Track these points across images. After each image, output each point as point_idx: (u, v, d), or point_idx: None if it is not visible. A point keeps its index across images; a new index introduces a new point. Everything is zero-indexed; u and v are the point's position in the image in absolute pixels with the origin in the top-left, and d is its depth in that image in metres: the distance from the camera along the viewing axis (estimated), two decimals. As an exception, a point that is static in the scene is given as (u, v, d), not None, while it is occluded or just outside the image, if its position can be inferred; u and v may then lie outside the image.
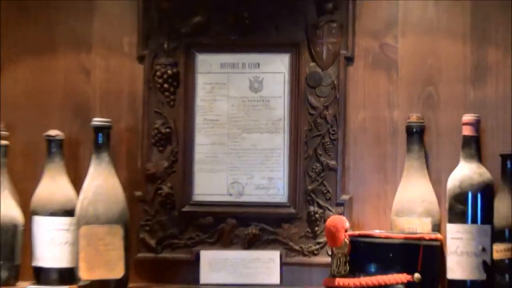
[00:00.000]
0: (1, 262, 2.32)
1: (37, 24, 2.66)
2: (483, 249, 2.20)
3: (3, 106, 2.62)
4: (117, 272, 2.29)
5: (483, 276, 2.19)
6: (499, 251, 2.21)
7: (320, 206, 2.49)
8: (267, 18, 2.55)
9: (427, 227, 2.32)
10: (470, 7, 2.50)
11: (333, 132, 2.51)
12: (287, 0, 2.54)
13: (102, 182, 2.34)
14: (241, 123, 2.54)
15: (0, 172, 2.37)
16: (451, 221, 2.24)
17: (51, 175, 2.40)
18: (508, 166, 2.27)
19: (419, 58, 2.53)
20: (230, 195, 2.53)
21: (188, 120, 2.56)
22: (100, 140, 2.36)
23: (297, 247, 2.49)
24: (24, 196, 2.42)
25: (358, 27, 2.54)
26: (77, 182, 2.39)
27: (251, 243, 2.49)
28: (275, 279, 2.38)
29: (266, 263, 2.38)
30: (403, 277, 2.17)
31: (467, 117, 2.30)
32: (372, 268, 2.18)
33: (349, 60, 2.53)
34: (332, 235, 2.20)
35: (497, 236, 2.21)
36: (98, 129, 2.36)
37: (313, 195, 2.50)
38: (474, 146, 2.28)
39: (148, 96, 2.58)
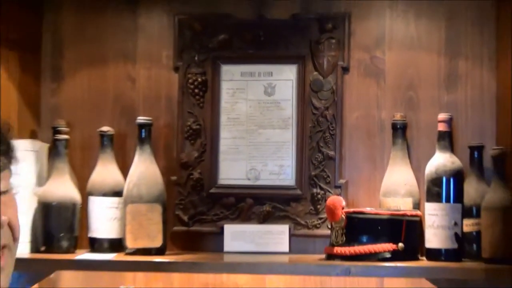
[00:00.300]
0: (62, 234, 2.35)
1: (92, 41, 2.68)
2: (455, 224, 2.23)
3: (65, 107, 2.67)
4: (157, 242, 2.32)
5: (455, 245, 2.22)
6: (468, 225, 2.26)
7: (321, 188, 2.52)
8: (278, 36, 2.57)
9: (409, 205, 2.34)
10: (444, 27, 2.53)
11: (332, 128, 2.53)
12: (294, 22, 2.57)
13: (144, 169, 2.37)
14: (257, 121, 2.57)
15: (62, 161, 2.40)
16: (428, 200, 2.27)
17: (103, 163, 2.43)
18: (475, 155, 2.33)
19: (402, 68, 2.55)
20: (248, 179, 2.56)
21: (214, 119, 2.58)
22: (143, 135, 2.39)
23: (302, 222, 2.52)
24: (81, 181, 2.44)
25: (353, 43, 2.56)
26: (124, 169, 2.41)
27: (265, 219, 2.52)
28: (285, 248, 2.41)
29: (278, 235, 2.41)
30: (389, 246, 2.22)
31: (442, 116, 2.32)
32: (364, 239, 2.24)
33: (345, 69, 2.56)
34: (331, 212, 2.25)
35: (466, 213, 2.26)
36: (141, 126, 2.39)
37: (315, 179, 2.53)
38: (447, 140, 2.30)
39: (182, 99, 2.61)
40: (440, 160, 2.28)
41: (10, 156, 1.23)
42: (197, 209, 2.58)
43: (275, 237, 2.41)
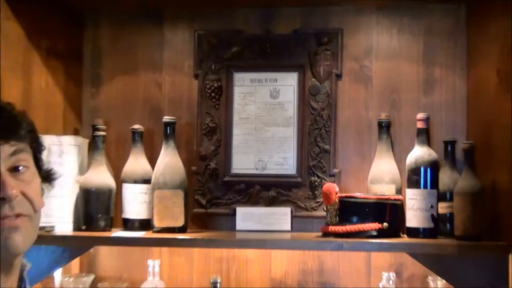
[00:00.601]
0: (100, 215, 2.33)
1: (125, 53, 2.67)
2: (431, 206, 2.21)
3: (102, 108, 2.66)
4: (179, 222, 2.30)
5: (431, 225, 2.20)
6: (442, 207, 2.24)
7: (318, 177, 2.49)
8: (282, 48, 2.55)
9: (392, 191, 2.32)
10: (422, 40, 2.51)
11: (327, 126, 2.51)
12: (295, 36, 2.55)
13: (169, 160, 2.34)
14: (264, 120, 2.55)
15: (100, 154, 2.39)
16: (409, 187, 2.25)
17: (134, 155, 2.41)
18: (449, 149, 2.32)
19: (386, 75, 2.53)
20: (257, 169, 2.54)
21: (228, 118, 2.56)
22: (168, 131, 2.37)
23: (302, 205, 2.50)
24: (116, 170, 2.42)
25: (345, 54, 2.54)
26: (152, 161, 2.38)
27: (271, 202, 2.50)
28: (287, 227, 2.39)
29: (281, 216, 2.39)
30: (375, 225, 2.21)
31: (420, 115, 2.30)
32: (354, 219, 2.22)
33: (339, 76, 2.53)
34: (327, 196, 2.24)
35: (441, 197, 2.25)
36: (166, 124, 2.37)
37: (313, 169, 2.51)
38: (425, 135, 2.28)
39: (201, 102, 2.59)
40: (419, 153, 2.26)
41: (30, 140, 1.30)
42: (213, 194, 2.56)
43: (279, 218, 2.39)
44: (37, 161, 1.34)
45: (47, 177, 1.41)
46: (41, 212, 1.29)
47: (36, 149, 1.35)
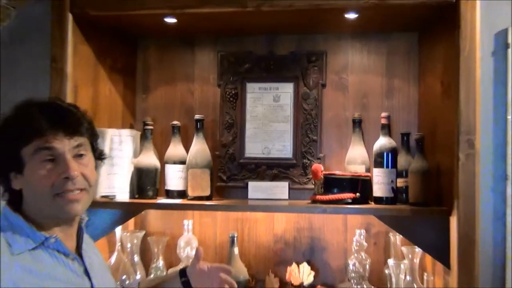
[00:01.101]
0: (148, 187, 2.34)
1: (167, 68, 2.67)
2: (392, 181, 2.22)
3: (150, 109, 2.66)
4: (207, 192, 2.31)
5: (391, 195, 2.21)
6: (400, 182, 2.24)
7: (308, 159, 2.49)
8: (282, 65, 2.54)
9: (363, 170, 2.32)
10: (385, 59, 2.50)
11: (315, 122, 2.50)
12: (292, 56, 2.53)
13: (199, 147, 2.35)
14: (268, 118, 2.54)
15: (148, 142, 2.39)
16: (375, 167, 2.25)
17: (173, 143, 2.41)
18: (405, 139, 2.31)
19: (359, 85, 2.52)
20: (263, 154, 2.53)
21: (242, 116, 2.56)
22: (198, 126, 2.37)
23: (297, 180, 2.49)
24: (160, 154, 2.43)
25: (328, 69, 2.53)
26: (186, 147, 2.38)
27: (273, 178, 2.50)
28: (286, 197, 2.38)
29: (281, 188, 2.39)
30: (351, 195, 2.23)
31: (383, 114, 2.31)
32: (335, 190, 2.24)
33: (323, 86, 2.52)
34: (315, 174, 2.24)
35: (399, 174, 2.24)
36: (197, 120, 2.38)
37: (305, 154, 2.50)
38: (387, 129, 2.29)
39: (222, 104, 2.58)
40: (382, 142, 2.26)
41: (88, 134, 1.43)
42: (231, 172, 2.56)
43: (280, 189, 2.39)
44: (93, 148, 1.46)
45: (99, 157, 1.51)
46: (96, 185, 1.43)
47: (93, 139, 1.46)
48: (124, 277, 2.35)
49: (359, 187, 2.22)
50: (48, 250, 1.32)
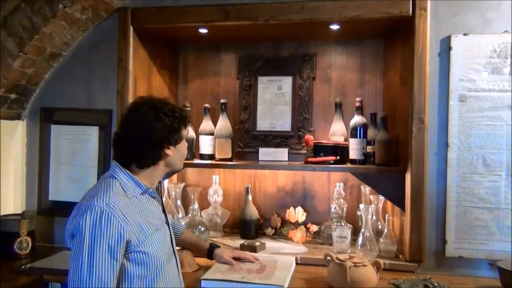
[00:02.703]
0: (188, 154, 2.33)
1: (201, 66, 2.62)
2: (363, 148, 2.19)
3: (189, 96, 2.63)
4: (229, 155, 2.30)
5: (363, 158, 2.19)
6: (369, 148, 2.23)
7: (303, 132, 2.45)
8: (284, 64, 2.49)
9: (342, 139, 2.28)
10: (359, 60, 2.44)
11: (307, 105, 2.46)
12: (291, 57, 2.48)
13: (223, 123, 2.33)
14: (274, 102, 2.49)
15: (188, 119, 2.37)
16: (351, 137, 2.22)
17: (205, 120, 2.38)
18: (373, 117, 2.26)
19: (340, 78, 2.46)
20: (270, 128, 2.49)
21: (255, 101, 2.51)
22: (223, 108, 2.35)
23: (294, 147, 2.46)
24: (196, 128, 2.40)
25: (317, 66, 2.47)
26: (214, 123, 2.36)
27: (277, 146, 2.46)
28: (286, 159, 2.33)
29: (283, 152, 2.34)
30: (333, 158, 2.21)
31: (357, 99, 2.26)
32: (321, 154, 2.22)
33: (314, 79, 2.47)
34: (307, 142, 2.23)
35: (368, 143, 2.20)
36: (222, 104, 2.36)
37: (300, 128, 2.46)
38: (360, 110, 2.24)
39: (240, 92, 2.54)
40: (357, 119, 2.22)
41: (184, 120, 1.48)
42: (246, 141, 2.53)
43: (282, 154, 2.34)
44: None
45: None
46: None
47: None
48: (169, 216, 2.35)
49: (339, 152, 2.19)
50: (146, 195, 1.41)
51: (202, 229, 2.26)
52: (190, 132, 2.34)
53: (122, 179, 1.35)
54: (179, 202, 2.45)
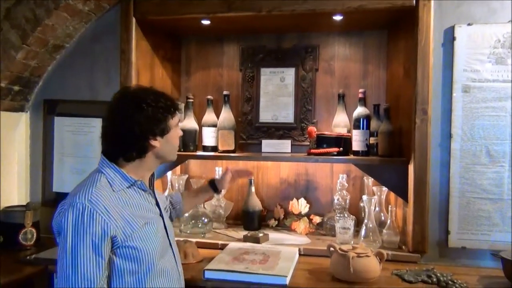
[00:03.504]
0: (190, 143, 2.33)
1: (203, 58, 2.62)
2: (366, 139, 2.19)
3: (191, 88, 2.63)
4: (232, 147, 2.30)
5: (366, 149, 2.19)
6: (372, 140, 2.25)
7: (305, 124, 2.44)
8: (287, 55, 2.47)
9: (345, 131, 2.27)
10: (362, 51, 2.43)
11: (310, 97, 2.45)
12: (293, 48, 2.47)
13: (226, 115, 2.32)
14: (276, 93, 2.48)
15: (190, 111, 2.37)
16: (354, 129, 2.21)
17: (208, 112, 2.38)
18: (376, 108, 2.24)
19: (342, 69, 2.45)
20: (272, 119, 2.48)
21: (257, 92, 2.50)
22: (226, 99, 2.34)
23: (296, 139, 2.46)
24: (199, 120, 2.40)
25: (320, 58, 2.46)
26: (217, 115, 2.36)
27: (280, 137, 2.46)
28: (289, 151, 2.32)
29: (286, 144, 2.33)
30: (336, 149, 2.19)
31: (360, 90, 2.25)
32: (324, 146, 2.21)
33: (317, 70, 2.46)
34: (310, 134, 2.22)
35: (371, 134, 2.20)
36: (225, 95, 2.35)
37: (303, 120, 2.45)
38: (363, 101, 2.23)
39: (243, 84, 2.53)
40: (360, 110, 2.21)
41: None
42: (249, 133, 2.52)
43: (285, 145, 2.33)
44: None
45: None
46: None
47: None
48: (167, 194, 2.36)
49: (342, 143, 2.18)
50: (134, 189, 1.37)
51: (206, 220, 2.27)
52: (192, 123, 2.35)
53: (109, 173, 1.32)
54: (182, 194, 2.46)
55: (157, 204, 1.46)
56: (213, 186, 1.90)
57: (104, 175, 1.32)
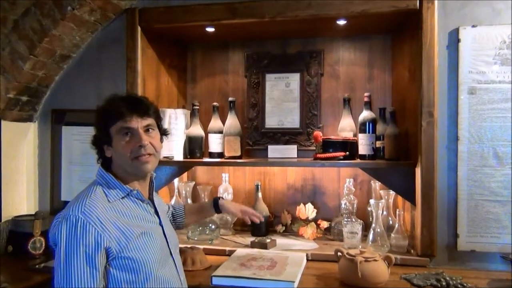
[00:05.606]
0: (197, 150, 2.33)
1: (209, 65, 2.63)
2: (372, 143, 2.18)
3: (197, 95, 2.64)
4: (238, 153, 2.31)
5: (372, 153, 2.18)
6: (378, 143, 2.21)
7: (311, 129, 2.44)
8: (291, 60, 2.48)
9: (351, 135, 2.27)
10: (367, 55, 2.43)
11: (316, 102, 2.45)
12: (298, 54, 2.47)
13: (232, 121, 2.33)
14: (282, 99, 2.48)
15: (196, 118, 2.37)
16: (360, 132, 2.21)
17: (214, 119, 2.38)
18: (382, 112, 2.23)
19: (347, 73, 2.45)
20: (279, 125, 2.48)
21: (263, 98, 2.50)
22: (231, 105, 2.35)
23: (303, 144, 2.45)
24: (205, 127, 2.41)
25: (325, 62, 2.46)
26: (223, 121, 2.36)
27: (286, 142, 2.46)
28: (295, 156, 2.32)
29: (292, 149, 2.33)
30: (342, 153, 2.19)
31: (366, 94, 2.25)
32: (331, 150, 2.21)
33: (322, 75, 2.46)
34: (316, 138, 2.22)
35: (377, 138, 2.19)
36: (231, 102, 2.36)
37: (309, 125, 2.45)
38: (368, 105, 2.23)
39: (248, 90, 2.54)
40: (365, 114, 2.21)
41: (154, 116, 1.43)
42: (255, 139, 2.52)
43: (291, 151, 2.33)
44: (158, 126, 1.46)
45: (164, 133, 1.51)
46: (160, 151, 1.44)
47: (158, 120, 1.46)
48: (171, 204, 2.37)
49: (348, 147, 2.17)
50: (131, 198, 1.38)
51: (213, 227, 2.27)
52: (198, 130, 2.36)
53: (104, 183, 1.35)
54: (189, 201, 2.46)
55: (156, 213, 1.45)
56: (216, 207, 1.86)
57: (100, 186, 1.34)
